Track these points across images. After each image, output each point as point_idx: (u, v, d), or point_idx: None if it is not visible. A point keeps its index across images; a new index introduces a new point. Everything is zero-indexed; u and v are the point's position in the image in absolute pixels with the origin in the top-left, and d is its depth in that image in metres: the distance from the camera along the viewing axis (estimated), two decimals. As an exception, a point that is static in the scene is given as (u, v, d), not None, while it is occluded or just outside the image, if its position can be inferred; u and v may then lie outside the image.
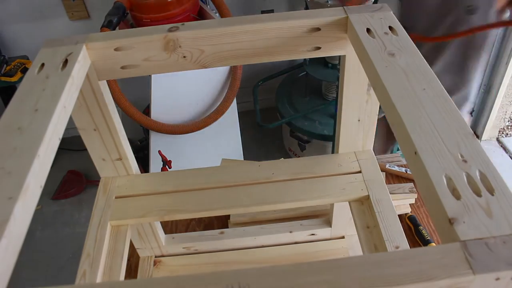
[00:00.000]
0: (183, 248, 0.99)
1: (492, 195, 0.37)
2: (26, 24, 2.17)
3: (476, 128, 2.43)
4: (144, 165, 2.03)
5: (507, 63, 2.12)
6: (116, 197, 0.77)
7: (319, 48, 0.66)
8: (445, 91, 0.47)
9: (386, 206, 0.71)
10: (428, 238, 0.94)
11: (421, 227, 0.97)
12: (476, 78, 1.40)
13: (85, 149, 0.74)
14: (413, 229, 0.98)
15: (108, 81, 0.68)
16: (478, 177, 0.39)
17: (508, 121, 2.45)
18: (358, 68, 0.66)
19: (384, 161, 1.17)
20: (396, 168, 1.12)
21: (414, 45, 0.54)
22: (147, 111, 2.00)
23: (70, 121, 0.57)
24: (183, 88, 1.77)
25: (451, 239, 0.35)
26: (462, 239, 0.34)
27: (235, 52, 0.65)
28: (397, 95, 0.47)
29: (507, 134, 2.45)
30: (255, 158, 2.41)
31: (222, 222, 1.08)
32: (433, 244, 0.93)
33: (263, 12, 2.30)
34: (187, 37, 0.63)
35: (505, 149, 2.37)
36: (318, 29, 0.63)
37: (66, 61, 0.57)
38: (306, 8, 2.06)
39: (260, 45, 0.64)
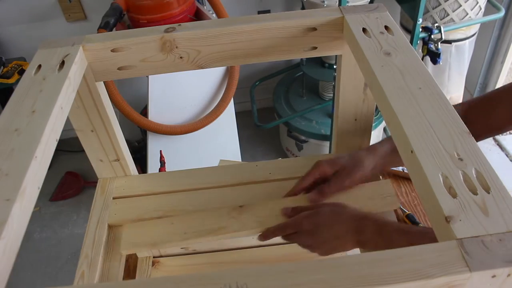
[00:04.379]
0: (182, 248, 0.99)
1: (488, 193, 0.38)
2: (23, 25, 2.16)
3: (473, 126, 2.44)
4: (141, 166, 2.03)
5: (503, 62, 2.13)
6: (114, 198, 0.77)
7: (315, 48, 0.66)
8: (441, 90, 0.48)
9: (384, 205, 0.72)
10: (427, 236, 0.95)
11: (420, 225, 0.97)
12: None
13: (83, 150, 0.74)
14: (410, 227, 0.98)
15: (105, 82, 0.68)
16: (474, 176, 0.39)
17: (505, 119, 2.46)
18: (355, 68, 0.66)
19: (381, 160, 1.17)
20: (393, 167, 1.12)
21: (410, 44, 0.54)
22: (144, 112, 1.99)
23: (68, 122, 0.57)
24: (180, 88, 1.77)
25: (447, 237, 0.35)
26: (459, 237, 0.34)
27: (232, 52, 0.65)
28: (393, 94, 0.47)
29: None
30: (252, 158, 2.41)
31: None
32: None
33: (259, 12, 2.29)
34: (184, 38, 0.63)
35: (501, 147, 2.37)
36: (314, 29, 0.63)
37: (63, 63, 0.57)
38: (303, 8, 2.06)
39: (257, 45, 0.64)
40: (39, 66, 0.57)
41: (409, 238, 0.59)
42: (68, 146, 1.89)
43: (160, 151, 1.66)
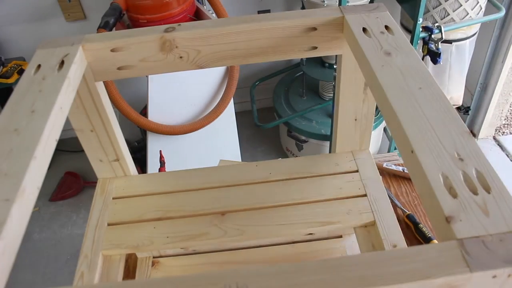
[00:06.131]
0: (181, 248, 0.99)
1: (489, 193, 0.37)
2: (22, 25, 2.16)
3: (473, 126, 2.44)
4: (141, 166, 2.03)
5: (503, 62, 2.13)
6: (113, 198, 0.77)
7: (315, 47, 0.66)
8: (441, 90, 0.48)
9: (384, 205, 0.72)
10: (430, 235, 0.94)
11: (421, 225, 0.97)
12: None
13: (82, 150, 0.74)
14: (412, 227, 0.98)
15: (105, 82, 0.68)
16: (475, 176, 0.39)
17: (505, 119, 2.46)
18: (355, 68, 0.66)
19: (381, 160, 1.17)
20: (394, 167, 1.12)
21: (410, 44, 0.54)
22: (144, 111, 1.99)
23: (67, 122, 0.57)
24: (180, 88, 1.76)
25: (448, 237, 0.35)
26: (459, 237, 0.34)
27: (232, 52, 0.65)
28: (393, 94, 0.47)
29: (503, 132, 2.46)
30: (252, 158, 2.41)
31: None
32: (435, 241, 0.93)
33: (259, 12, 2.29)
34: (184, 38, 0.63)
35: (501, 147, 2.37)
36: (314, 28, 0.63)
37: (62, 62, 0.57)
38: (303, 8, 2.06)
39: (257, 45, 0.64)
40: (39, 66, 0.56)
41: None
42: (68, 146, 1.89)
43: (160, 151, 1.66)
